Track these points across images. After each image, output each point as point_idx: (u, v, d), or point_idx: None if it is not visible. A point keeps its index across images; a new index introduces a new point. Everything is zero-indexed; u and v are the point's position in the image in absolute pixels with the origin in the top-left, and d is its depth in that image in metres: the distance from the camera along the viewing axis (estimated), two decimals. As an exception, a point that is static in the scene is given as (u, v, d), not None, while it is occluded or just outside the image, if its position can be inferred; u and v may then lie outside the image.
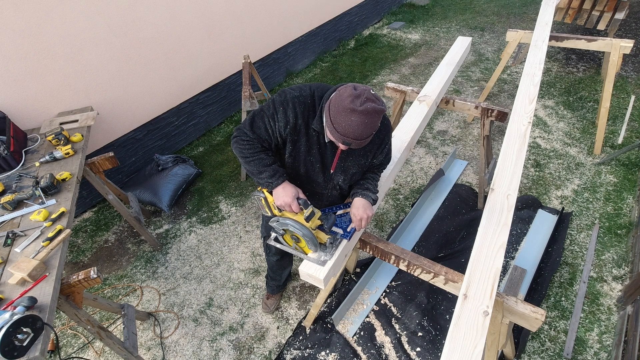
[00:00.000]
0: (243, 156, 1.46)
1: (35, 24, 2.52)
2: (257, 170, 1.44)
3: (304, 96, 1.40)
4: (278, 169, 1.44)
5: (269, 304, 2.45)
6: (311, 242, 1.44)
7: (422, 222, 2.88)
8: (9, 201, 1.91)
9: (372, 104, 1.22)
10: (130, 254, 2.90)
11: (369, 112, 1.22)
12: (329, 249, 1.51)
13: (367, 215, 1.49)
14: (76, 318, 1.72)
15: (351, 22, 5.59)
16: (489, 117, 2.41)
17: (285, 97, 1.40)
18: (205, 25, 3.59)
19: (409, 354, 2.16)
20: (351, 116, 1.21)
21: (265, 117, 1.42)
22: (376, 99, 1.25)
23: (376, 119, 1.25)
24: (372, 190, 1.57)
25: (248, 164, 1.46)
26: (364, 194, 1.53)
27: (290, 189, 1.44)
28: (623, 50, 2.92)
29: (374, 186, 1.60)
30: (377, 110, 1.23)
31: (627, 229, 2.68)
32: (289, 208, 1.42)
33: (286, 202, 1.42)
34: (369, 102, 1.22)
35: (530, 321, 1.39)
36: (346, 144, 1.28)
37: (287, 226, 1.45)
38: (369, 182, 1.59)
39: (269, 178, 1.43)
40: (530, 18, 5.74)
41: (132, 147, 3.42)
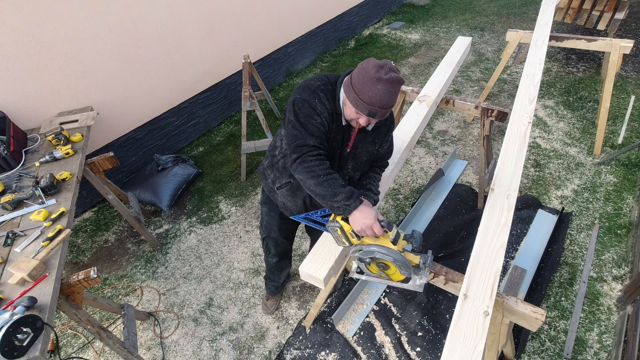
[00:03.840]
0: (314, 176, 1.31)
1: (35, 24, 2.52)
2: (331, 192, 1.31)
3: (325, 84, 1.44)
4: (354, 190, 1.33)
5: (269, 305, 2.45)
6: (404, 266, 1.30)
7: (422, 222, 2.88)
8: (9, 201, 1.91)
9: (395, 74, 1.28)
10: (130, 254, 2.90)
11: (393, 81, 1.27)
12: (422, 270, 1.34)
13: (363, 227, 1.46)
14: (76, 318, 1.72)
15: (351, 22, 5.59)
16: (489, 117, 2.41)
17: (313, 89, 1.40)
18: (205, 25, 3.59)
19: (409, 354, 2.16)
20: (377, 85, 1.26)
21: (311, 117, 1.36)
22: (397, 70, 1.31)
23: (398, 89, 1.31)
24: (374, 191, 1.58)
25: (320, 186, 1.31)
26: (366, 194, 1.53)
27: (369, 210, 1.32)
28: (623, 50, 2.92)
29: (376, 187, 1.61)
30: (400, 80, 1.30)
31: (627, 229, 2.68)
32: (371, 232, 1.29)
33: (367, 224, 1.29)
34: (392, 72, 1.28)
35: (530, 321, 1.39)
36: (371, 115, 1.31)
37: (373, 254, 1.31)
38: (372, 183, 1.60)
39: (345, 200, 1.30)
40: (530, 18, 5.74)
41: (132, 147, 3.42)
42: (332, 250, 1.51)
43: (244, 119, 3.21)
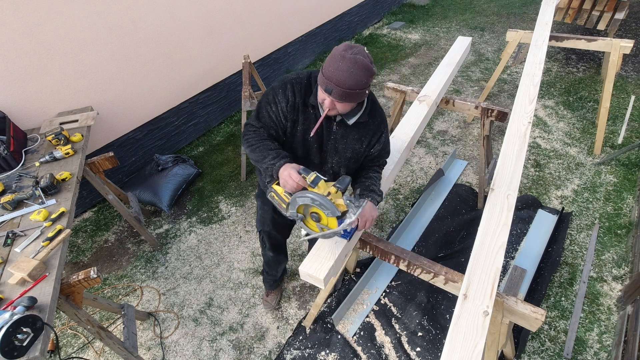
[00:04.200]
0: (249, 145, 1.46)
1: (35, 24, 2.51)
2: (262, 155, 1.42)
3: (301, 77, 1.47)
4: (281, 152, 1.43)
5: (270, 300, 2.46)
6: (324, 206, 1.29)
7: (422, 222, 2.88)
8: (9, 201, 1.91)
9: (362, 58, 1.27)
10: (130, 254, 2.90)
11: (357, 62, 1.26)
12: (352, 210, 1.33)
13: (372, 217, 1.48)
14: (76, 318, 1.72)
15: (351, 22, 5.59)
16: (489, 117, 2.41)
17: (284, 81, 1.47)
18: (205, 25, 3.59)
19: (409, 353, 2.16)
20: (340, 62, 1.26)
21: (268, 104, 1.47)
22: (368, 57, 1.29)
23: (360, 72, 1.26)
24: (376, 192, 1.58)
25: (254, 152, 1.45)
26: (370, 195, 1.54)
27: (292, 164, 1.38)
28: (623, 50, 2.92)
29: (378, 186, 1.61)
30: (365, 64, 1.26)
31: (627, 229, 2.68)
32: (291, 182, 1.33)
33: (286, 175, 1.34)
34: (360, 55, 1.27)
35: (530, 321, 1.39)
36: (327, 91, 1.30)
37: (297, 203, 1.33)
38: (374, 184, 1.60)
39: (271, 160, 1.41)
40: (530, 18, 5.74)
41: (132, 147, 3.42)
42: (332, 250, 1.51)
43: (244, 119, 3.21)
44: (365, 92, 1.33)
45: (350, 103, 1.36)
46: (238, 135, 3.93)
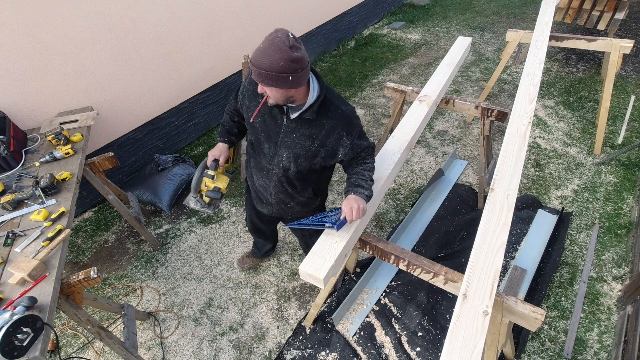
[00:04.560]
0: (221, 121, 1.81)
1: (35, 24, 2.52)
2: (220, 125, 1.82)
3: None
4: (224, 131, 1.80)
5: (245, 261, 2.67)
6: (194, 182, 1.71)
7: (422, 222, 2.88)
8: (9, 201, 1.91)
9: (280, 39, 1.27)
10: (130, 254, 2.90)
11: (274, 44, 1.27)
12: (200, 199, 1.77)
13: (357, 205, 1.49)
14: (76, 318, 1.72)
15: (351, 22, 5.59)
16: (489, 117, 2.41)
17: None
18: (205, 25, 3.59)
19: (409, 353, 2.16)
20: (262, 43, 1.32)
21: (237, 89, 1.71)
22: (289, 41, 1.28)
23: (276, 55, 1.27)
24: (363, 186, 1.57)
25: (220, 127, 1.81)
26: (355, 190, 1.55)
27: (221, 146, 1.78)
28: (623, 50, 2.92)
29: (365, 181, 1.59)
30: (280, 46, 1.26)
31: (627, 229, 2.68)
32: (208, 157, 1.75)
33: (211, 151, 1.75)
34: (280, 37, 1.28)
35: (530, 321, 1.39)
36: (250, 72, 1.40)
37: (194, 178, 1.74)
38: (360, 178, 1.59)
39: (218, 136, 1.79)
40: (530, 18, 5.74)
41: (132, 147, 3.42)
42: (332, 249, 1.51)
43: (244, 119, 3.20)
44: (288, 78, 1.31)
45: (272, 87, 1.35)
46: (238, 135, 3.92)
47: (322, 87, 1.49)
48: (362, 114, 4.10)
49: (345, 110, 1.53)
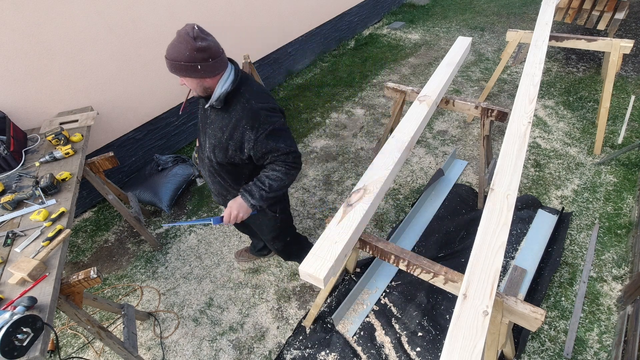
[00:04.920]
0: None
1: (35, 24, 2.52)
2: None
3: None
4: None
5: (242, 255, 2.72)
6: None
7: (422, 222, 2.88)
8: (9, 201, 1.91)
9: (186, 32, 1.35)
10: (130, 254, 2.90)
11: (180, 36, 1.37)
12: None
13: (236, 213, 1.58)
14: (76, 318, 1.72)
15: (351, 22, 5.59)
16: (489, 117, 2.41)
17: None
18: (205, 25, 3.55)
19: (409, 354, 2.16)
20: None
21: None
22: (194, 32, 1.35)
23: (182, 45, 1.36)
24: (253, 194, 1.59)
25: None
26: (244, 195, 1.61)
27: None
28: (623, 50, 2.92)
29: (259, 189, 1.61)
30: (185, 37, 1.35)
31: (627, 229, 2.68)
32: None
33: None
34: (187, 30, 1.35)
35: (530, 321, 1.39)
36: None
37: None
38: (255, 185, 1.62)
39: None
40: (530, 18, 5.74)
41: (132, 147, 3.42)
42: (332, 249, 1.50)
43: (244, 119, 3.20)
44: (197, 67, 1.39)
45: (185, 77, 1.46)
46: (238, 135, 3.93)
47: (236, 79, 1.51)
48: (362, 114, 4.11)
49: (254, 105, 1.51)
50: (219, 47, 1.45)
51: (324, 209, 3.08)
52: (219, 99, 1.50)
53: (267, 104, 1.55)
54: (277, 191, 1.64)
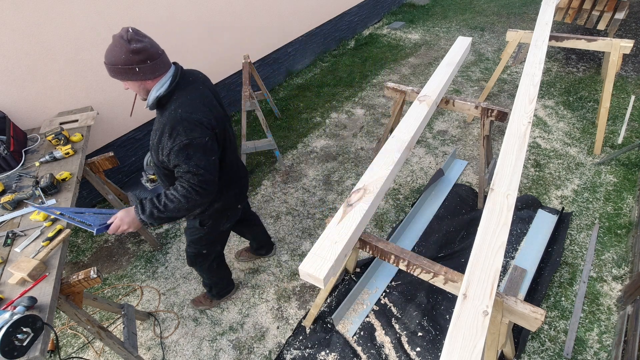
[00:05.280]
0: None
1: (35, 24, 2.52)
2: None
3: None
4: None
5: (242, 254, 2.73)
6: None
7: (422, 222, 2.88)
8: (9, 201, 1.91)
9: (121, 35, 1.36)
10: (130, 253, 2.90)
11: (115, 40, 1.37)
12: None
13: (125, 227, 1.56)
14: (76, 318, 1.72)
15: (351, 22, 5.59)
16: (489, 117, 2.41)
17: None
18: (205, 25, 3.59)
19: (409, 353, 2.16)
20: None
21: None
22: (130, 36, 1.35)
23: (116, 48, 1.36)
24: (145, 208, 1.54)
25: None
26: (136, 206, 1.56)
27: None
28: (623, 50, 2.92)
29: (153, 206, 1.53)
30: (119, 41, 1.35)
31: (627, 229, 2.68)
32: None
33: None
34: (122, 33, 1.36)
35: (530, 321, 1.39)
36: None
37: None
38: (152, 201, 1.54)
39: None
40: (530, 18, 5.74)
41: (132, 147, 3.42)
42: (332, 249, 1.50)
43: (244, 119, 3.21)
44: (135, 69, 1.39)
45: (125, 80, 1.45)
46: (238, 135, 3.93)
47: (172, 84, 1.49)
48: (362, 114, 4.11)
49: (179, 114, 1.45)
50: (157, 49, 1.44)
51: (324, 209, 3.08)
52: (152, 102, 1.49)
53: (192, 115, 1.45)
54: (173, 213, 1.53)
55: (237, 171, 1.86)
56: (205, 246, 2.04)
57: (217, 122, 1.56)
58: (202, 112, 1.49)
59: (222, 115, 1.66)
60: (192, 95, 1.52)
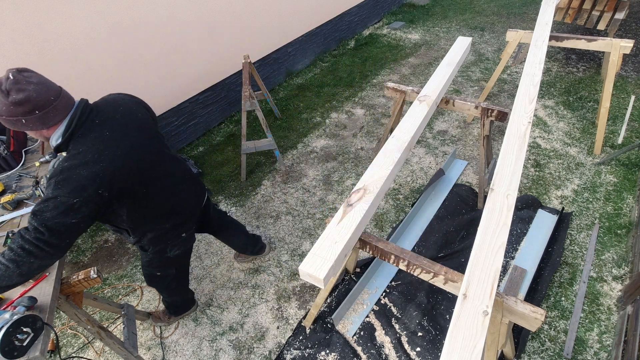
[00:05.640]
0: None
1: (35, 24, 2.52)
2: None
3: None
4: None
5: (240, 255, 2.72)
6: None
7: (422, 222, 2.88)
8: (9, 201, 1.91)
9: (1, 83, 1.22)
10: (130, 253, 2.90)
11: None
12: None
13: None
14: (76, 318, 1.72)
15: (351, 22, 5.59)
16: (489, 117, 2.41)
17: None
18: (205, 25, 3.59)
19: (409, 353, 2.16)
20: None
21: None
22: (8, 86, 1.21)
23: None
24: None
25: None
26: None
27: None
28: (623, 50, 2.92)
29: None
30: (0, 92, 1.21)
31: (627, 229, 2.68)
32: None
33: None
34: (2, 81, 1.22)
35: (530, 321, 1.39)
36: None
37: None
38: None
39: None
40: (530, 18, 5.74)
41: (132, 147, 3.41)
42: (332, 249, 1.50)
43: (244, 119, 3.21)
44: (22, 121, 1.25)
45: (19, 130, 1.34)
46: (238, 135, 3.93)
47: (66, 132, 1.34)
48: (362, 114, 4.11)
49: (61, 165, 1.31)
50: (47, 95, 1.27)
51: (324, 209, 3.08)
52: (53, 152, 1.38)
53: (75, 170, 1.28)
54: (2, 281, 1.30)
55: (175, 203, 1.72)
56: (157, 269, 1.98)
57: (124, 171, 1.39)
58: (94, 165, 1.31)
59: (148, 152, 1.51)
60: (90, 144, 1.34)
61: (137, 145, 1.47)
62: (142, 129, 1.52)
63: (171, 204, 1.70)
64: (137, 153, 1.46)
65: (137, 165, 1.45)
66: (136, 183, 1.47)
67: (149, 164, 1.51)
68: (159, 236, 1.75)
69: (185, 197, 1.79)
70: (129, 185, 1.44)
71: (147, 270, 2.01)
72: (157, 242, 1.78)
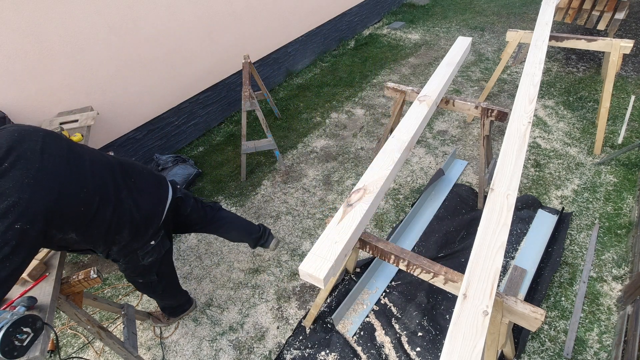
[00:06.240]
0: None
1: (35, 24, 2.52)
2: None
3: None
4: None
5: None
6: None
7: (422, 222, 2.88)
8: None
9: None
10: (130, 253, 2.90)
11: None
12: None
13: None
14: (76, 318, 1.72)
15: (351, 22, 5.59)
16: (489, 117, 2.41)
17: None
18: (205, 25, 3.59)
19: (409, 353, 2.16)
20: None
21: None
22: None
23: None
24: None
25: None
26: None
27: None
28: (623, 50, 2.92)
29: None
30: None
31: (627, 229, 2.68)
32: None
33: None
34: None
35: (530, 321, 1.39)
36: None
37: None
38: None
39: None
40: (530, 18, 5.74)
41: (132, 147, 3.42)
42: (332, 249, 1.51)
43: (244, 119, 3.21)
44: None
45: None
46: (238, 135, 3.93)
47: None
48: (362, 114, 4.11)
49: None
50: None
51: (324, 209, 3.08)
52: None
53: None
54: None
55: (122, 214, 1.61)
56: (139, 276, 1.93)
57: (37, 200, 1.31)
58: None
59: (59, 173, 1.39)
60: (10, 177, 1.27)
61: (44, 168, 1.35)
62: (44, 150, 1.39)
63: (117, 216, 1.58)
64: (46, 177, 1.34)
65: (50, 190, 1.34)
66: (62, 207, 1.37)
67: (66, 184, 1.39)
68: (123, 247, 1.68)
69: (132, 206, 1.64)
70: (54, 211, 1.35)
71: (129, 278, 1.96)
72: (125, 254, 1.72)
